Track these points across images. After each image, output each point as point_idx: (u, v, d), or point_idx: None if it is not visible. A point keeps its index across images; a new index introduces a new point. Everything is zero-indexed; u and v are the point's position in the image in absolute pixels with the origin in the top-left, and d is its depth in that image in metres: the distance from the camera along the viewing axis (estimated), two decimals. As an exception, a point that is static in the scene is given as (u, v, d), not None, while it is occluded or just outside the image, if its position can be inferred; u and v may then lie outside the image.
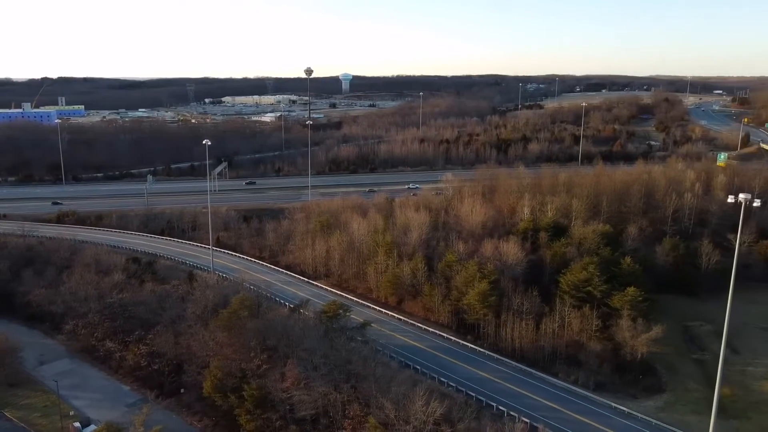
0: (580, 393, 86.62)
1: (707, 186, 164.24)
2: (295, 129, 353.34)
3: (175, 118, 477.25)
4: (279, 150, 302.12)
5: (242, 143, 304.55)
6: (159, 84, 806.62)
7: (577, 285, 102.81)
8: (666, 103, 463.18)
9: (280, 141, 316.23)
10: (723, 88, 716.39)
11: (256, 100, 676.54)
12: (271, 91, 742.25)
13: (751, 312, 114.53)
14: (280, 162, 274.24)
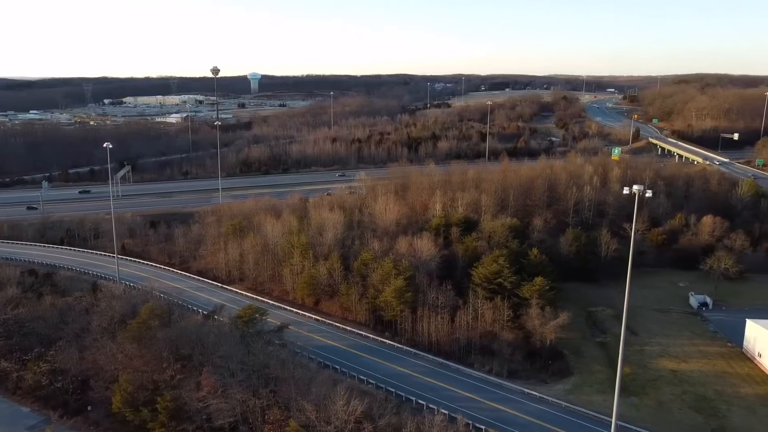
0: (494, 381, 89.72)
1: (604, 179, 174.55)
2: (203, 130, 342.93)
3: (72, 120, 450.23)
4: (186, 152, 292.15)
5: (146, 146, 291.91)
6: (52, 84, 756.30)
7: (488, 277, 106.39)
8: (564, 101, 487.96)
9: (188, 143, 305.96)
10: (615, 86, 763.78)
11: (160, 101, 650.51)
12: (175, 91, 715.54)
13: (647, 295, 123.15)
14: (188, 164, 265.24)
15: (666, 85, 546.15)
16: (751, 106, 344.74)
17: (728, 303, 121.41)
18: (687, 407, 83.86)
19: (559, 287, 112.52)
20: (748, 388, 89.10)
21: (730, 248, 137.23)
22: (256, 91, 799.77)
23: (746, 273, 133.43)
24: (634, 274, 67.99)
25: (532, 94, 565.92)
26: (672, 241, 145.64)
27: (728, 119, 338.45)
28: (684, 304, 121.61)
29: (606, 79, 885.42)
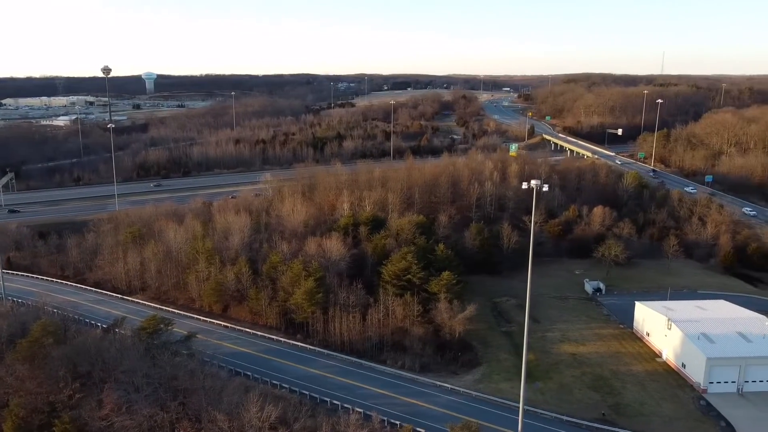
0: (407, 376, 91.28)
1: (503, 174, 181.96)
2: (94, 133, 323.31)
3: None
4: (77, 157, 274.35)
5: (31, 151, 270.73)
6: None
7: (397, 274, 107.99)
8: (464, 99, 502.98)
9: (78, 147, 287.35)
10: (510, 85, 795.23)
11: (45, 102, 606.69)
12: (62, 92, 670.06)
13: (546, 284, 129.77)
14: (79, 170, 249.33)
15: (557, 84, 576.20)
16: (632, 103, 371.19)
17: (619, 287, 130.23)
18: (586, 387, 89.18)
19: (466, 280, 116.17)
20: (638, 366, 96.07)
21: (618, 236, 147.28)
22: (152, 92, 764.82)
23: (633, 259, 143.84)
24: (534, 264, 71.37)
25: (433, 93, 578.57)
26: (567, 231, 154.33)
27: (613, 116, 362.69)
28: (580, 290, 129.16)
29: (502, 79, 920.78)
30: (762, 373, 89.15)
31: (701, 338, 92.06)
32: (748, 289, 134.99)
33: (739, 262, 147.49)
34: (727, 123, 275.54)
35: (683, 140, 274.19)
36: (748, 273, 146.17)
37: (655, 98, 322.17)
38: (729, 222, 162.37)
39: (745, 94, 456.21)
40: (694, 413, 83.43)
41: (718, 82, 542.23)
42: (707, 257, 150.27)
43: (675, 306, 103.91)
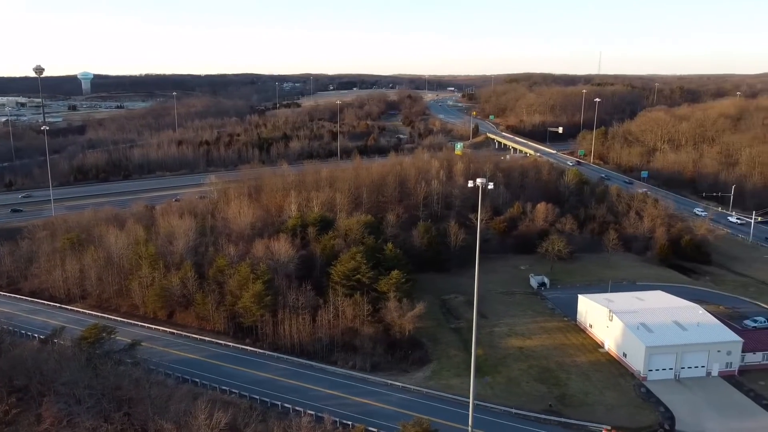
0: (358, 376, 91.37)
1: (450, 173, 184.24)
2: (27, 135, 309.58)
3: None
4: (9, 160, 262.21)
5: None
6: None
7: (347, 274, 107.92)
8: (409, 99, 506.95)
9: (9, 150, 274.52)
10: (454, 85, 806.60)
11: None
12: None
13: (493, 280, 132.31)
14: (11, 174, 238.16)
15: (499, 84, 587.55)
16: (571, 102, 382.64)
17: (563, 281, 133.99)
18: (533, 380, 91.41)
19: (415, 279, 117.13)
20: (582, 357, 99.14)
21: (561, 232, 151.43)
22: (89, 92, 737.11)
23: (576, 253, 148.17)
24: (480, 261, 72.67)
25: (378, 93, 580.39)
26: (512, 228, 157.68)
27: (553, 114, 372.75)
28: (526, 285, 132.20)
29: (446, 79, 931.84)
30: (696, 359, 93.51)
31: (640, 328, 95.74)
32: (683, 279, 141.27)
33: (674, 253, 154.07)
34: (660, 121, 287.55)
35: (620, 138, 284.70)
36: (682, 264, 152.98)
37: (593, 97, 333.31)
38: (664, 216, 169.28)
39: (676, 93, 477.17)
40: (635, 400, 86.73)
41: (652, 81, 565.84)
42: (644, 250, 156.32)
43: (615, 298, 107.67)
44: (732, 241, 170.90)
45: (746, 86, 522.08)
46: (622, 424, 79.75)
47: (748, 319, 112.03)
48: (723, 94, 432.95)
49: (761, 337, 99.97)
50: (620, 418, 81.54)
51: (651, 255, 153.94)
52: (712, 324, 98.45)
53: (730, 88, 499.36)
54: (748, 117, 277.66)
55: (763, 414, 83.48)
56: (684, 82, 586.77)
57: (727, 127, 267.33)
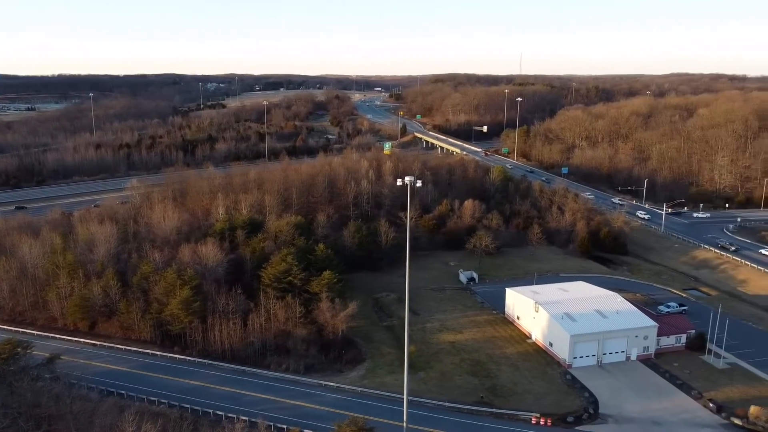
0: (291, 379, 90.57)
1: (379, 172, 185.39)
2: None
3: None
4: None
5: None
6: None
7: (278, 277, 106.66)
8: (337, 99, 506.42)
9: None
10: (381, 85, 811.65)
11: None
12: None
13: (424, 277, 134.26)
14: None
15: (425, 84, 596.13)
16: (495, 101, 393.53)
17: (491, 276, 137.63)
18: (465, 373, 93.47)
19: (347, 278, 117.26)
20: (511, 348, 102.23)
21: (488, 227, 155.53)
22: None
23: (502, 248, 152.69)
24: (411, 258, 73.63)
25: (306, 93, 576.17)
26: (441, 225, 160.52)
27: (478, 114, 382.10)
28: (455, 281, 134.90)
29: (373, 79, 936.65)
30: (617, 345, 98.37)
31: (565, 318, 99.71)
32: (602, 269, 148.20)
33: (594, 245, 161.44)
34: (578, 119, 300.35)
35: (541, 135, 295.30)
36: (601, 255, 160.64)
37: (515, 97, 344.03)
38: (584, 210, 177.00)
39: (592, 93, 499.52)
40: (562, 387, 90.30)
41: (569, 81, 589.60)
42: (566, 243, 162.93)
43: (541, 290, 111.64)
44: (646, 232, 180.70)
45: (655, 86, 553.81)
46: (550, 411, 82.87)
47: (662, 305, 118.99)
48: (634, 94, 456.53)
49: (674, 322, 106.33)
50: (548, 405, 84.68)
51: (573, 247, 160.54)
52: (630, 311, 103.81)
53: (641, 88, 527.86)
54: (657, 115, 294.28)
55: (677, 393, 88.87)
56: (599, 82, 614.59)
57: (639, 124, 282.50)
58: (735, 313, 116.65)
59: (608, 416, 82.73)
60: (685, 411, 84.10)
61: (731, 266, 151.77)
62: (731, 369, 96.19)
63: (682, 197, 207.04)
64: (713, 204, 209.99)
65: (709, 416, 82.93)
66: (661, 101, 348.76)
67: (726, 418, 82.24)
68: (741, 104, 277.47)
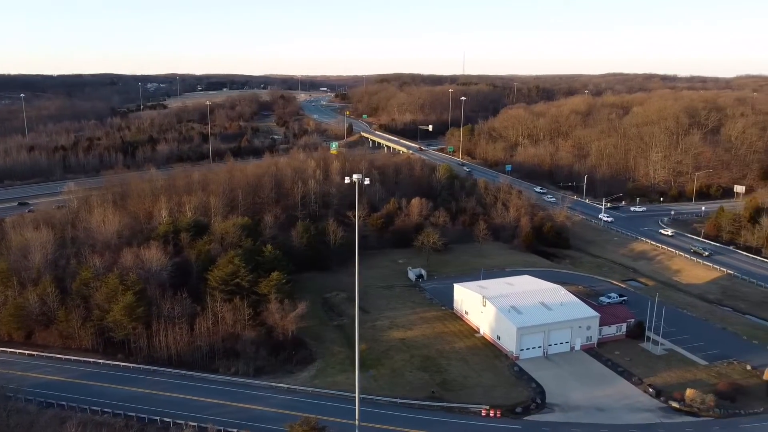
0: (241, 382, 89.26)
1: (326, 172, 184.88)
2: None
3: None
4: None
5: None
6: None
7: (225, 279, 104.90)
8: (282, 99, 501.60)
9: None
10: (327, 85, 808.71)
11: None
12: None
13: (373, 275, 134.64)
14: None
15: (371, 84, 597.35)
16: (439, 101, 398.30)
17: (439, 272, 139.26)
18: (416, 369, 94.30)
19: (296, 279, 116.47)
20: (460, 343, 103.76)
21: (435, 225, 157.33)
22: None
23: (450, 244, 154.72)
24: (360, 257, 73.74)
25: (250, 93, 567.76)
26: (389, 223, 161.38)
27: (423, 113, 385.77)
28: (404, 278, 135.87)
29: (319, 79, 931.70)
30: (561, 336, 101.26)
31: (511, 311, 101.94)
32: (546, 263, 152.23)
33: (537, 240, 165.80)
34: (520, 117, 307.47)
35: (485, 134, 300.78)
36: (545, 249, 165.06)
37: (459, 96, 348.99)
38: (527, 206, 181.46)
39: (533, 92, 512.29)
40: (510, 379, 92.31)
41: (512, 81, 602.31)
42: (511, 238, 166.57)
43: (488, 284, 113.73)
44: (587, 226, 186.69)
45: (593, 85, 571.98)
46: (499, 402, 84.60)
47: (603, 296, 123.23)
48: (574, 93, 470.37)
49: (614, 312, 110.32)
50: (497, 397, 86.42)
51: (517, 242, 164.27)
52: (573, 303, 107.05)
53: (580, 87, 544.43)
54: (595, 113, 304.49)
55: (619, 380, 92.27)
56: (540, 82, 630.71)
57: (578, 122, 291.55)
58: (671, 302, 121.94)
59: (555, 405, 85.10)
60: (627, 397, 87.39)
61: (666, 257, 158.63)
62: (668, 355, 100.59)
63: (620, 192, 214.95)
64: (649, 198, 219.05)
65: (648, 401, 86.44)
66: (599, 100, 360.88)
67: (664, 401, 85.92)
68: (672, 102, 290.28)
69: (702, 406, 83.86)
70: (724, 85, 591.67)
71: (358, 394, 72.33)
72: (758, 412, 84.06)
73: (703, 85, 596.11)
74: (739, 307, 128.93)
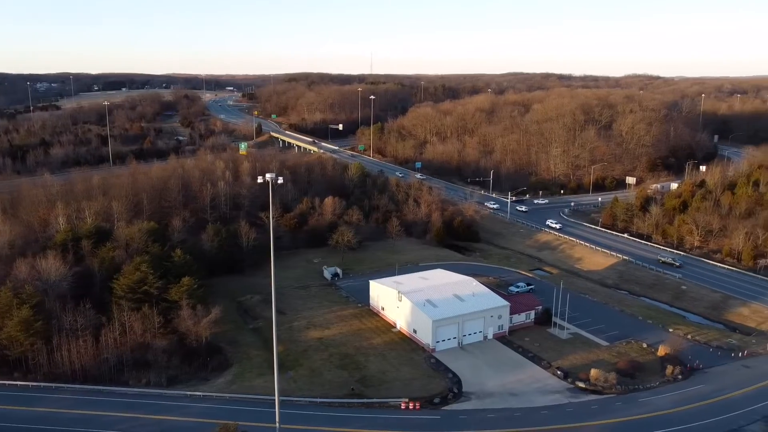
0: (154, 393, 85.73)
1: (236, 173, 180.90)
2: None
3: None
4: None
5: None
6: None
7: (132, 287, 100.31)
8: (187, 99, 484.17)
9: None
10: (233, 84, 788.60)
11: None
12: None
13: (288, 276, 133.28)
14: None
15: (279, 83, 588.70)
16: (348, 100, 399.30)
17: (354, 270, 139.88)
18: (335, 367, 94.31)
19: (208, 283, 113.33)
20: (378, 339, 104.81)
21: (349, 223, 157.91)
22: None
23: (364, 242, 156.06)
24: (275, 258, 72.77)
25: (152, 93, 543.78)
26: (303, 223, 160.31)
27: (333, 112, 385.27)
28: (320, 277, 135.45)
29: (224, 78, 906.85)
30: (475, 326, 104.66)
31: (426, 304, 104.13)
32: (458, 257, 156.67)
33: (448, 234, 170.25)
34: (428, 116, 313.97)
35: (395, 132, 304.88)
36: (456, 243, 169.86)
37: (368, 95, 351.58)
38: (438, 201, 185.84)
39: (439, 91, 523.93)
40: (428, 371, 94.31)
41: (418, 80, 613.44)
42: (424, 233, 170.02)
43: (403, 280, 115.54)
44: (494, 220, 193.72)
45: (495, 84, 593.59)
46: (417, 395, 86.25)
47: (512, 286, 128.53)
48: (477, 91, 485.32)
49: (523, 300, 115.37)
50: (416, 389, 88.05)
51: (430, 237, 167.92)
52: (485, 293, 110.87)
53: (483, 86, 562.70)
54: (498, 110, 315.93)
55: (530, 365, 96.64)
56: (446, 81, 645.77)
57: (483, 120, 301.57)
58: (574, 288, 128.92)
59: (471, 394, 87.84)
60: (538, 381, 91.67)
61: (568, 246, 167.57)
62: (573, 338, 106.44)
63: (524, 186, 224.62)
64: (550, 191, 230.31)
65: (557, 383, 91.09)
66: (502, 98, 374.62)
67: (572, 383, 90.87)
68: (569, 100, 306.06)
69: (605, 385, 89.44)
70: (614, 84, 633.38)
71: (277, 396, 71.39)
72: (654, 386, 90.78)
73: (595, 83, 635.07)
74: (634, 290, 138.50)
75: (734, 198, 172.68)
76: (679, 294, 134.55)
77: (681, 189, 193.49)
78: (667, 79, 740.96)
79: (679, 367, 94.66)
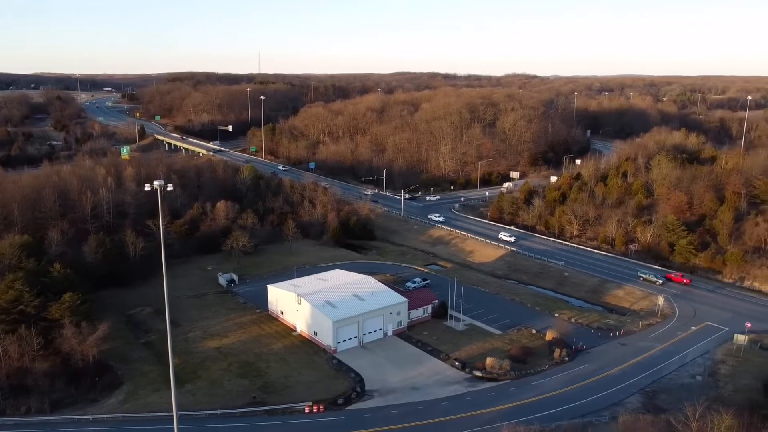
0: (36, 421, 79.43)
1: (119, 179, 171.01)
2: None
3: None
4: None
5: None
6: None
7: (6, 307, 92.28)
8: (59, 101, 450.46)
9: None
10: (111, 84, 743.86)
11: None
12: None
13: (181, 284, 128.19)
14: None
15: (162, 84, 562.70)
16: (237, 100, 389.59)
17: (251, 275, 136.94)
18: (235, 377, 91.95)
19: (93, 298, 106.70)
20: (278, 343, 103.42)
21: (243, 227, 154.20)
22: None
23: (260, 246, 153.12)
24: (166, 267, 69.70)
25: (19, 94, 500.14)
26: (194, 229, 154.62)
27: (221, 113, 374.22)
28: (215, 285, 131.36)
29: (101, 78, 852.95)
30: (375, 324, 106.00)
31: (326, 306, 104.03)
32: (355, 256, 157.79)
33: (345, 234, 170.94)
34: (320, 115, 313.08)
35: (287, 132, 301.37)
36: (352, 242, 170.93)
37: (257, 95, 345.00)
38: (333, 201, 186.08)
39: (330, 90, 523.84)
40: (330, 372, 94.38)
41: (308, 80, 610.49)
42: (320, 234, 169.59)
43: (301, 282, 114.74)
44: (389, 217, 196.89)
45: (384, 84, 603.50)
46: (321, 397, 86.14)
47: (409, 282, 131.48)
48: (367, 91, 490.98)
49: (420, 295, 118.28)
50: (319, 392, 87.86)
51: (326, 238, 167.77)
52: (383, 291, 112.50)
53: (372, 86, 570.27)
54: (389, 110, 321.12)
55: (429, 358, 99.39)
56: (336, 80, 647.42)
57: (374, 119, 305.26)
58: (467, 281, 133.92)
59: (374, 391, 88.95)
60: (437, 373, 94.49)
61: (460, 240, 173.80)
62: (469, 329, 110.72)
63: (416, 183, 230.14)
64: (441, 187, 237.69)
65: (456, 374, 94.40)
66: (391, 97, 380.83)
67: (469, 372, 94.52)
68: (455, 99, 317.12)
69: (500, 372, 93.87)
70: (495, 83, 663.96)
71: (175, 411, 68.40)
72: (545, 369, 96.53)
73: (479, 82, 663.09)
74: (522, 279, 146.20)
75: (607, 189, 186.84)
76: (563, 280, 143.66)
77: (560, 182, 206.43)
78: (543, 78, 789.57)
79: (565, 350, 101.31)
